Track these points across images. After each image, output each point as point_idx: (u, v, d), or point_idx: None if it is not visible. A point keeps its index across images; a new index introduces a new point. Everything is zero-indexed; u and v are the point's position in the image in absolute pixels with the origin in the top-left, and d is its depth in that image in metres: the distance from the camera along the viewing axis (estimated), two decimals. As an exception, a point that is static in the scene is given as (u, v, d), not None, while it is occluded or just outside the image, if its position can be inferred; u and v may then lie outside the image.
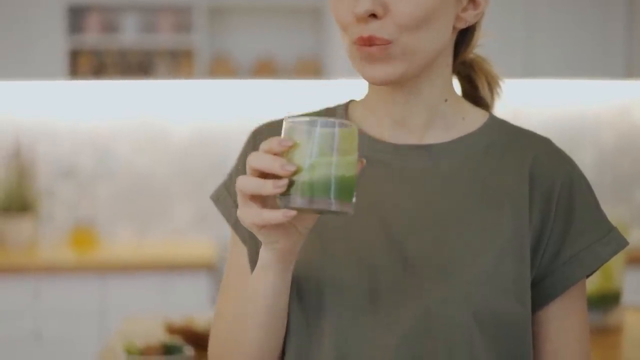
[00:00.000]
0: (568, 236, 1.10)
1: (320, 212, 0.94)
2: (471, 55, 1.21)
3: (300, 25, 4.61)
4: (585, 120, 4.79)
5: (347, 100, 1.22)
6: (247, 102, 4.62)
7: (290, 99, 4.62)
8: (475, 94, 1.22)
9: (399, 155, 1.13)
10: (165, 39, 4.37)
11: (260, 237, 0.99)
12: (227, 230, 4.61)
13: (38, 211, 4.47)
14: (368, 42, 1.04)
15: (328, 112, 1.21)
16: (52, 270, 3.98)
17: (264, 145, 0.94)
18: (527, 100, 4.74)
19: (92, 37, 4.34)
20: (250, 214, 0.95)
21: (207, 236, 4.64)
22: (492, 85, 1.22)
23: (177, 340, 2.27)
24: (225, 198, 1.20)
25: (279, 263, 1.02)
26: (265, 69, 4.46)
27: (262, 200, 0.96)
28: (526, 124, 4.71)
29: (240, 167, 1.20)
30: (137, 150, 4.59)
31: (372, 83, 1.07)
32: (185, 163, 4.61)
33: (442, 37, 1.08)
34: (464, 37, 1.18)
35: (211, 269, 4.05)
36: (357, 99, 1.21)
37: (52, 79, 4.23)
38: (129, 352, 2.19)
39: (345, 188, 0.93)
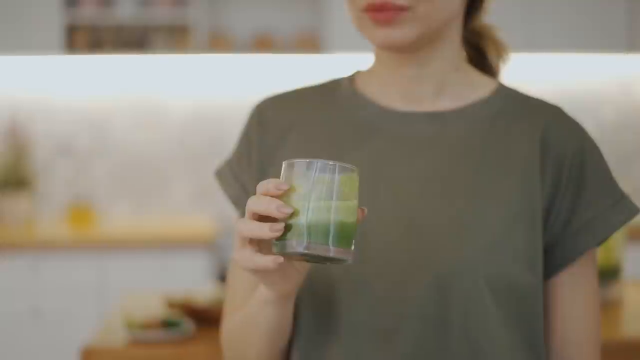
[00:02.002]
0: (579, 204, 1.09)
1: (317, 258, 0.90)
2: (480, 23, 1.20)
3: (299, -1, 4.57)
4: (586, 94, 4.77)
5: (354, 71, 1.20)
6: (245, 76, 4.59)
7: (289, 73, 4.60)
8: (483, 61, 1.21)
9: (407, 123, 1.12)
10: (162, 14, 4.34)
11: (258, 279, 0.98)
12: (225, 206, 4.59)
13: (35, 188, 4.45)
14: (380, 8, 1.02)
15: (333, 83, 1.19)
16: (50, 247, 3.97)
17: (261, 187, 0.92)
18: (526, 75, 4.72)
19: (88, 12, 4.30)
20: (244, 258, 0.93)
21: (205, 212, 4.62)
22: (501, 52, 1.21)
23: (176, 315, 2.26)
24: (227, 176, 1.19)
25: (279, 300, 1.02)
26: (263, 43, 4.43)
27: (258, 244, 0.94)
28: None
29: (243, 144, 1.18)
30: (134, 126, 4.57)
31: (383, 47, 1.06)
32: (183, 139, 4.59)
33: (455, 4, 1.08)
34: (471, 5, 1.17)
35: (210, 246, 4.04)
36: (363, 69, 1.20)
37: (48, 54, 4.20)
38: (129, 326, 2.18)
39: (344, 234, 0.90)
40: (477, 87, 1.15)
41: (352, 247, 0.91)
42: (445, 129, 1.11)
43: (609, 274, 2.58)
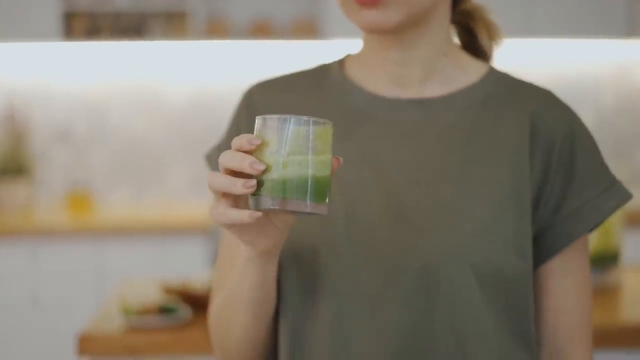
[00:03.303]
0: (569, 190, 1.08)
1: (293, 213, 0.90)
2: (470, 4, 1.18)
3: (297, -15, 4.56)
4: (585, 80, 4.76)
5: (344, 55, 1.19)
6: (243, 63, 4.58)
7: (286, 59, 4.58)
8: (475, 43, 1.19)
9: (395, 109, 1.10)
10: (160, 0, 4.32)
11: (235, 236, 0.96)
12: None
13: (33, 175, 4.44)
14: None
15: (323, 68, 1.18)
16: (49, 233, 3.96)
17: (235, 142, 0.91)
18: (525, 60, 4.71)
19: (85, -2, 4.29)
20: (217, 212, 0.92)
21: (203, 199, 4.62)
22: (492, 34, 1.19)
23: (173, 300, 2.26)
24: (216, 160, 1.17)
25: (260, 258, 1.00)
26: (261, 29, 4.41)
27: (234, 199, 0.93)
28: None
29: (233, 129, 1.17)
30: (132, 113, 4.56)
31: (368, 30, 1.04)
32: (181, 125, 4.58)
33: None
34: None
35: (208, 232, 4.04)
36: (353, 53, 1.19)
37: (46, 41, 4.19)
38: (126, 312, 2.18)
39: (319, 189, 0.90)
40: (467, 72, 1.14)
41: (327, 200, 0.92)
42: (433, 115, 1.10)
43: (607, 260, 2.57)
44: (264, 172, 0.89)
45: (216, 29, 4.38)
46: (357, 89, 1.13)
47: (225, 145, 1.18)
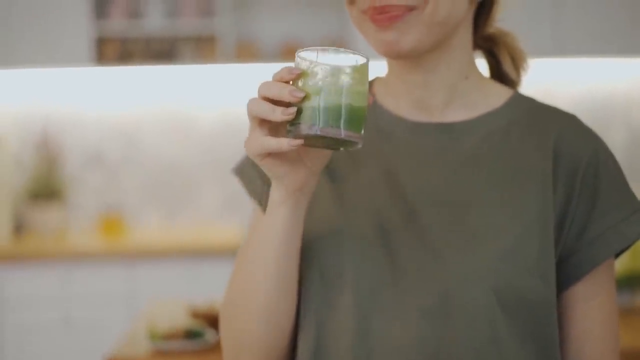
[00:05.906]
0: (593, 215, 1.07)
1: (329, 143, 0.93)
2: (492, 30, 1.18)
3: (325, 7, 4.58)
4: (616, 99, 4.72)
5: (373, 78, 1.20)
6: (272, 86, 4.60)
7: (316, 82, 4.60)
8: (500, 69, 1.19)
9: (418, 133, 1.11)
10: (190, 24, 4.36)
11: (266, 170, 0.97)
12: (254, 214, 4.60)
13: (66, 198, 4.49)
14: (381, 11, 1.02)
15: None
16: (81, 256, 4.00)
17: (275, 74, 0.93)
18: (556, 79, 4.69)
19: (117, 24, 4.34)
20: (255, 141, 0.94)
21: (234, 221, 4.64)
22: (516, 59, 1.18)
23: (200, 324, 2.27)
24: (248, 169, 1.18)
25: (289, 199, 1.00)
26: (290, 52, 4.44)
27: (272, 129, 0.95)
28: (555, 103, 4.65)
29: None
30: (163, 136, 4.60)
31: (384, 53, 1.05)
32: (212, 148, 4.61)
33: (461, 8, 1.05)
34: (482, 11, 1.15)
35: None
36: (382, 76, 1.20)
37: (78, 66, 4.25)
38: (152, 336, 2.19)
39: (355, 118, 0.92)
40: (490, 97, 1.13)
41: (362, 132, 0.94)
42: (456, 140, 1.10)
43: (636, 281, 2.55)
44: (302, 100, 0.91)
45: (245, 52, 4.41)
46: (383, 112, 1.14)
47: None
